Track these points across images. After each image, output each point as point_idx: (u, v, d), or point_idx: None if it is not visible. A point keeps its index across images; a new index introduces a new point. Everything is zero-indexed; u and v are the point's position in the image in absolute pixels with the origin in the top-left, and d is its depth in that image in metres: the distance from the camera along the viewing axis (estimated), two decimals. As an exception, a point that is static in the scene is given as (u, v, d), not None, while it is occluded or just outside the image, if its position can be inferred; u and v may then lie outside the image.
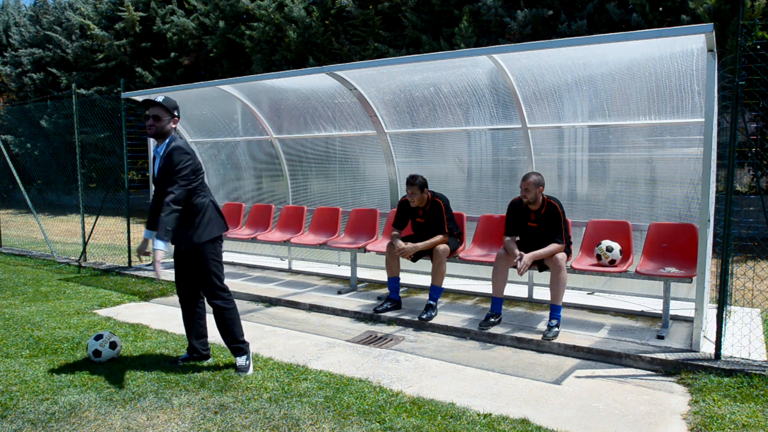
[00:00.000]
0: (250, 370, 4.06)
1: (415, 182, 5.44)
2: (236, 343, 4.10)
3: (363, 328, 5.25)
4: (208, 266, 3.98)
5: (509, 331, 4.85)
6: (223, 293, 4.05)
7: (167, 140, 3.95)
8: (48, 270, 8.25)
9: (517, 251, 4.88)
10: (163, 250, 3.67)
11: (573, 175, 6.01)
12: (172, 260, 4.21)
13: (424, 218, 5.63)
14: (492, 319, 5.00)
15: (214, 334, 5.07)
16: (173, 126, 4.01)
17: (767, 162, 8.45)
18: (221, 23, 15.82)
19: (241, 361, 4.08)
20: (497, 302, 5.06)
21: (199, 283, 4.10)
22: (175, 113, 4.00)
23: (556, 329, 4.70)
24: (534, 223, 5.05)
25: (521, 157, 6.17)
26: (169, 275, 7.38)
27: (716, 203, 4.94)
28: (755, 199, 9.23)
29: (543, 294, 5.69)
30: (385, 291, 6.19)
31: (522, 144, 6.08)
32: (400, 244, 5.48)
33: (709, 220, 4.25)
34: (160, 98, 3.95)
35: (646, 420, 3.37)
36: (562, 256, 4.80)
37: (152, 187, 7.78)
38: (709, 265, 4.52)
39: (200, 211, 3.96)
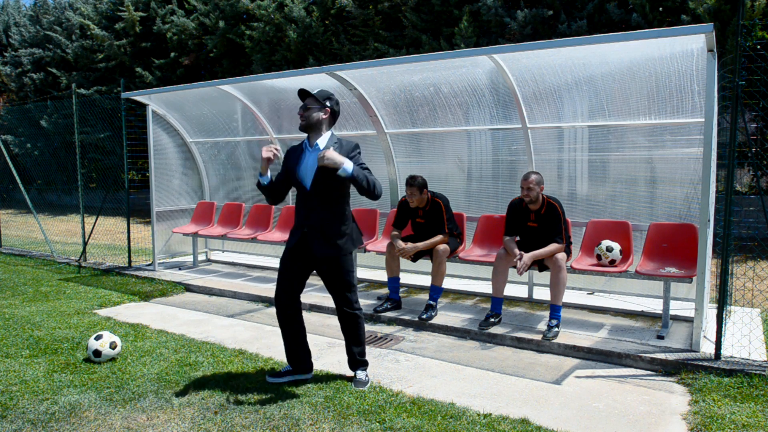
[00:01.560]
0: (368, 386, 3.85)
1: (414, 183, 5.44)
2: (363, 356, 3.97)
3: (363, 328, 5.25)
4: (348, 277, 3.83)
5: (509, 331, 4.85)
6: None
7: (328, 135, 3.70)
8: (48, 270, 8.25)
9: (517, 251, 4.88)
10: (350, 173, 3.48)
11: (573, 175, 6.00)
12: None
13: (424, 218, 5.63)
14: (492, 319, 5.00)
15: (217, 337, 5.07)
16: (324, 117, 3.68)
17: (767, 162, 8.45)
18: (221, 23, 15.81)
19: (362, 375, 3.90)
20: (497, 302, 5.06)
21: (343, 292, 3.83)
22: (327, 104, 3.68)
23: (556, 329, 4.70)
24: (534, 223, 5.05)
25: (521, 157, 6.17)
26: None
27: (716, 203, 4.94)
28: (755, 199, 9.23)
29: (543, 294, 5.68)
30: (385, 291, 6.19)
31: (522, 144, 6.08)
32: (400, 244, 5.48)
33: (709, 220, 4.25)
34: (314, 91, 3.68)
35: (646, 420, 3.37)
36: (562, 256, 4.80)
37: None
38: (709, 265, 4.52)
39: (349, 219, 3.79)
